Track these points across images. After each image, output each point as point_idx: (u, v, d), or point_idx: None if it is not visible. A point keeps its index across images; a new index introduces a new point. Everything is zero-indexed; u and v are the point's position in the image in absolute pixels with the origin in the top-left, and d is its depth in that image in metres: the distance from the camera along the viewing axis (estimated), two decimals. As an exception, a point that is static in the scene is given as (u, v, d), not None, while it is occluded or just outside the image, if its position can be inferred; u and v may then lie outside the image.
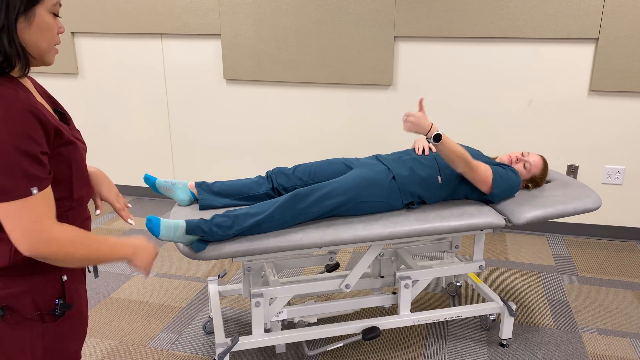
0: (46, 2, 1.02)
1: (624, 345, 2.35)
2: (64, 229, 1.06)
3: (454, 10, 3.20)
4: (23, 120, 0.97)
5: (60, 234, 1.04)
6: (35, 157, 0.99)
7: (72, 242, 1.06)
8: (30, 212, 1.00)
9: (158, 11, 3.64)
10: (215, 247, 1.82)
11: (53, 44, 1.07)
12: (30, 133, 0.98)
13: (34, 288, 1.11)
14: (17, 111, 0.96)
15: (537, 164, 2.32)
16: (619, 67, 3.09)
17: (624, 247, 3.34)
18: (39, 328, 1.13)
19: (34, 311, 1.11)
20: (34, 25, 1.01)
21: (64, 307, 1.15)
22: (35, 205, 1.00)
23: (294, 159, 3.78)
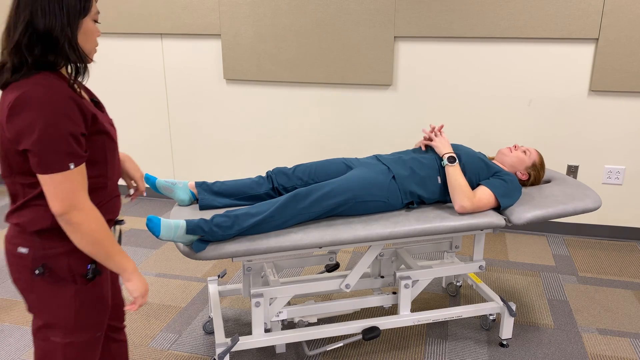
0: (90, 13, 1.24)
1: (624, 345, 2.35)
2: (94, 207, 1.24)
3: (454, 10, 3.20)
4: (66, 105, 1.16)
5: (90, 210, 1.23)
6: (75, 137, 1.19)
7: (98, 220, 1.24)
8: (68, 184, 1.19)
9: (158, 11, 3.64)
10: (215, 247, 1.82)
11: (94, 46, 1.29)
12: (72, 116, 1.17)
13: (69, 251, 1.28)
14: (61, 98, 1.16)
15: (534, 151, 2.38)
16: (619, 67, 3.09)
17: (624, 247, 3.34)
18: (73, 291, 1.31)
19: (68, 273, 1.29)
20: (81, 32, 1.23)
21: (95, 271, 1.32)
22: (71, 179, 1.19)
23: (294, 159, 3.78)
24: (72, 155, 1.19)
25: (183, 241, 1.81)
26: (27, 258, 1.28)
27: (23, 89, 1.16)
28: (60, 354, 1.34)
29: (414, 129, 3.52)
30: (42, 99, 1.14)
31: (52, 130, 1.15)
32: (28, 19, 1.17)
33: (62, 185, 1.18)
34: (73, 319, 1.33)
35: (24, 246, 1.28)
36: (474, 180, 2.19)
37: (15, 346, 2.34)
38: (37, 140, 1.15)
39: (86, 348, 1.37)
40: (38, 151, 1.15)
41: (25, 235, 1.27)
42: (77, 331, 1.34)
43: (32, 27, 1.17)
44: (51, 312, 1.31)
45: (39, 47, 1.18)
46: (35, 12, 1.16)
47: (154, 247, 3.33)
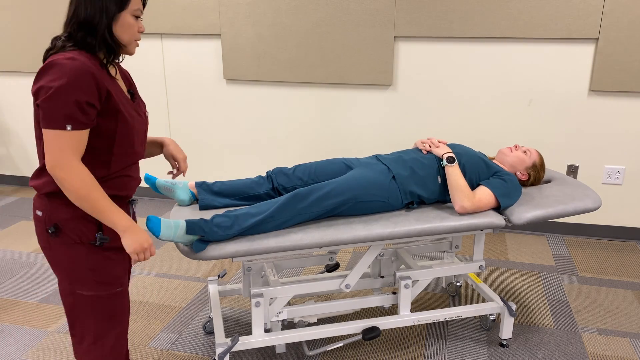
0: (129, 9, 1.40)
1: (624, 345, 2.35)
2: (81, 167, 1.35)
3: (454, 10, 3.20)
4: (82, 74, 1.31)
5: (75, 168, 1.34)
6: (80, 103, 1.32)
7: (81, 179, 1.34)
8: (61, 142, 1.32)
9: (158, 11, 3.64)
10: (215, 247, 1.82)
11: (134, 39, 1.45)
12: (84, 87, 1.32)
13: (74, 217, 1.42)
14: (81, 69, 1.32)
15: (535, 151, 2.38)
16: (619, 67, 3.09)
17: (624, 247, 3.34)
18: (85, 252, 1.45)
19: (78, 238, 1.43)
20: (118, 24, 1.40)
21: (102, 239, 1.44)
22: (65, 139, 1.32)
23: (294, 159, 3.78)
24: (71, 118, 1.32)
25: (183, 241, 1.81)
26: (42, 220, 1.43)
27: (55, 57, 1.34)
28: (89, 305, 1.49)
29: (413, 129, 3.52)
30: (64, 66, 1.31)
31: (62, 92, 1.30)
32: (74, 10, 1.38)
33: (55, 141, 1.32)
34: (91, 276, 1.46)
35: (39, 209, 1.44)
36: (474, 180, 2.19)
37: (15, 346, 2.34)
38: (47, 98, 1.30)
39: (111, 300, 1.51)
40: (45, 107, 1.31)
41: (40, 199, 1.43)
42: (97, 286, 1.48)
43: (76, 16, 1.37)
44: (70, 270, 1.46)
45: (81, 32, 1.38)
46: (80, 4, 1.37)
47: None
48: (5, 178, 4.50)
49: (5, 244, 3.36)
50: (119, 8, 1.38)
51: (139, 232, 1.43)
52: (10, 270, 3.03)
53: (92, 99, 1.34)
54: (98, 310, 1.50)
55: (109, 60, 1.43)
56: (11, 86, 4.18)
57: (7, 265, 3.08)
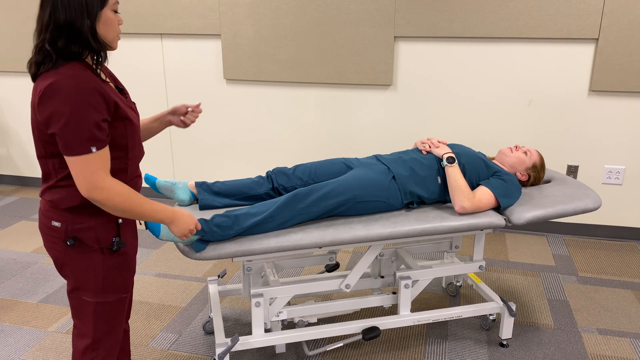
0: (109, 4, 1.35)
1: (624, 345, 2.35)
2: (115, 183, 1.36)
3: (454, 10, 3.20)
4: (90, 94, 1.29)
5: (111, 186, 1.35)
6: (97, 123, 1.31)
7: (120, 194, 1.36)
8: (90, 165, 1.32)
9: (158, 11, 3.64)
10: (215, 247, 1.82)
11: (116, 34, 1.41)
12: (95, 105, 1.30)
13: (97, 226, 1.44)
14: (87, 88, 1.29)
15: (535, 152, 2.38)
16: (619, 67, 3.09)
17: (624, 247, 3.34)
18: (100, 258, 1.47)
19: (96, 245, 1.45)
20: (102, 22, 1.35)
21: (119, 243, 1.48)
22: (93, 161, 1.32)
23: (294, 159, 3.78)
24: (94, 140, 1.32)
25: (183, 241, 1.81)
26: (60, 231, 1.43)
27: (53, 78, 1.29)
28: (92, 310, 1.51)
29: (414, 129, 3.52)
30: (69, 88, 1.27)
31: (77, 117, 1.28)
32: (50, 14, 1.30)
33: (85, 166, 1.32)
34: (101, 283, 1.49)
35: (57, 220, 1.43)
36: (474, 180, 2.19)
37: (15, 346, 2.34)
38: (63, 126, 1.28)
39: (114, 306, 1.54)
40: (64, 136, 1.29)
41: (58, 211, 1.43)
42: (105, 292, 1.51)
43: (54, 21, 1.30)
44: (82, 277, 1.48)
45: (62, 39, 1.31)
46: (56, 7, 1.29)
47: (154, 247, 3.33)
48: (5, 178, 4.50)
49: (5, 244, 3.36)
50: (100, 5, 1.32)
51: (182, 217, 1.52)
52: (10, 270, 3.03)
53: (105, 115, 1.34)
54: (99, 316, 1.52)
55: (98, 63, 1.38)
56: (11, 86, 4.18)
57: (7, 265, 3.08)
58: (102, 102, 1.32)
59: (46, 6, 1.30)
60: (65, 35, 1.31)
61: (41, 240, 3.41)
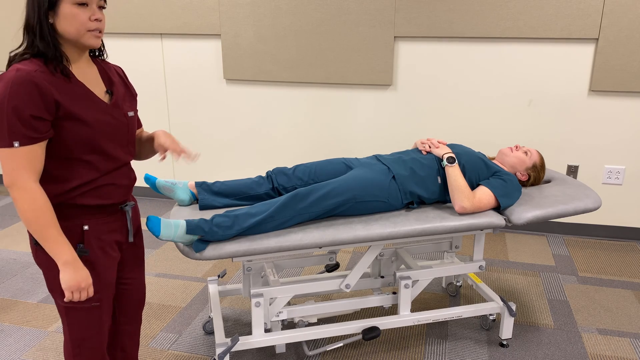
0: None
1: (624, 345, 2.35)
2: (34, 188, 1.29)
3: (454, 10, 3.20)
4: (25, 87, 1.23)
5: (28, 189, 1.29)
6: (25, 118, 1.25)
7: (32, 201, 1.29)
8: (12, 161, 1.27)
9: (158, 11, 3.64)
10: (215, 247, 1.82)
11: (85, 29, 1.32)
12: (27, 99, 1.24)
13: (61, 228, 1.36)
14: (22, 82, 1.23)
15: (535, 152, 2.38)
16: (619, 67, 3.09)
17: (624, 247, 3.34)
18: None
19: None
20: (60, 18, 1.29)
21: (82, 251, 1.41)
22: (16, 156, 1.26)
23: (294, 159, 3.78)
24: (17, 134, 1.25)
25: (183, 241, 1.81)
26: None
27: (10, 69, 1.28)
28: (64, 314, 1.48)
29: (414, 129, 3.52)
30: (6, 81, 1.24)
31: (3, 109, 1.23)
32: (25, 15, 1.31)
33: (7, 161, 1.27)
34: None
35: None
36: (474, 180, 2.20)
37: (15, 346, 2.34)
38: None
39: (85, 313, 1.49)
40: None
41: None
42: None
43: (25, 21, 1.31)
44: (51, 279, 1.44)
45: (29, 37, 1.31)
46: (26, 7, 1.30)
47: (154, 247, 3.33)
48: (5, 178, 4.50)
49: (5, 244, 3.36)
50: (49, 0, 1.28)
51: (79, 270, 1.37)
52: (10, 270, 3.03)
53: (36, 111, 1.25)
54: (72, 321, 1.48)
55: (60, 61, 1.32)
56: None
57: (7, 265, 3.08)
58: (37, 97, 1.25)
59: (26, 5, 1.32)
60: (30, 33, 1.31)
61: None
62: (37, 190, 1.30)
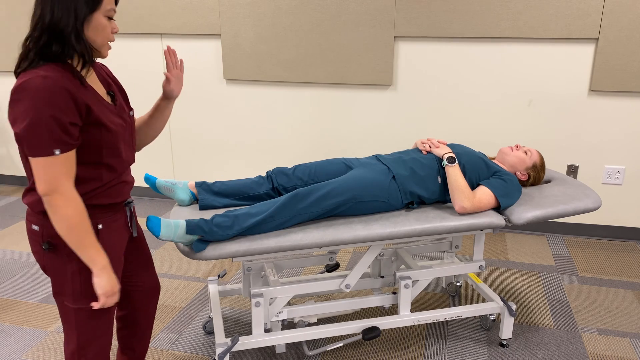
0: (102, 9, 1.31)
1: (624, 345, 2.35)
2: (75, 195, 1.32)
3: (454, 10, 3.20)
4: (58, 94, 1.24)
5: (70, 195, 1.30)
6: (63, 125, 1.26)
7: (75, 207, 1.31)
8: (52, 168, 1.27)
9: (158, 11, 3.64)
10: (215, 247, 1.82)
11: (107, 41, 1.36)
12: (62, 106, 1.25)
13: None
14: (55, 88, 1.24)
15: (535, 152, 2.38)
16: (619, 67, 3.09)
17: (624, 247, 3.34)
18: (76, 264, 1.41)
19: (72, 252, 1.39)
20: (91, 26, 1.31)
21: None
22: (57, 164, 1.27)
23: (294, 159, 3.78)
24: (58, 142, 1.26)
25: (183, 241, 1.81)
26: (38, 234, 1.41)
27: (25, 77, 1.25)
28: (73, 316, 1.48)
29: (414, 129, 3.52)
30: (37, 88, 1.23)
31: (42, 117, 1.23)
32: (40, 12, 1.27)
33: (47, 169, 1.27)
34: (79, 289, 1.44)
35: (35, 224, 1.41)
36: (474, 180, 2.20)
37: (15, 346, 2.34)
38: (27, 126, 1.23)
39: (95, 314, 1.50)
40: (27, 136, 1.24)
41: (35, 214, 1.41)
42: (83, 299, 1.46)
43: (42, 20, 1.27)
44: (60, 282, 1.44)
45: (45, 38, 1.27)
46: (46, 5, 1.26)
47: (154, 247, 3.33)
48: (5, 178, 4.50)
49: (5, 244, 3.36)
50: (90, 9, 1.28)
51: (112, 274, 1.41)
52: (10, 270, 3.03)
53: (73, 118, 1.27)
54: (81, 323, 1.49)
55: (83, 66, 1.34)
56: (11, 86, 4.18)
57: (7, 265, 3.08)
58: (71, 104, 1.27)
59: (38, 4, 1.28)
60: (49, 34, 1.27)
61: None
62: (78, 197, 1.33)
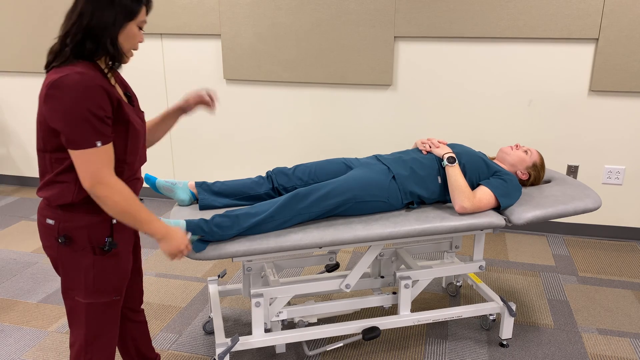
0: (137, 20, 1.40)
1: (624, 345, 2.35)
2: (119, 181, 1.39)
3: (454, 10, 3.20)
4: (96, 90, 1.32)
5: (115, 183, 1.38)
6: (101, 118, 1.34)
7: (122, 193, 1.38)
8: (96, 160, 1.35)
9: (158, 11, 3.64)
10: (215, 247, 1.82)
11: (133, 48, 1.45)
12: (99, 101, 1.33)
13: (90, 224, 1.45)
14: (92, 85, 1.32)
15: (535, 151, 2.38)
16: (619, 67, 3.09)
17: (624, 247, 3.34)
18: (91, 259, 1.47)
19: (88, 244, 1.46)
20: (124, 33, 1.40)
21: (111, 244, 1.48)
22: (99, 155, 1.35)
23: (294, 159, 3.78)
24: (99, 134, 1.34)
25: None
26: (53, 228, 1.45)
27: (62, 73, 1.32)
28: (84, 311, 1.52)
29: (414, 129, 3.52)
30: (76, 83, 1.30)
31: (82, 111, 1.31)
32: (79, 12, 1.35)
33: (89, 161, 1.34)
34: (92, 283, 1.49)
35: (51, 218, 1.45)
36: (474, 179, 2.20)
37: (15, 346, 2.34)
38: (69, 119, 1.31)
39: (106, 308, 1.55)
40: (69, 129, 1.31)
41: (52, 209, 1.44)
42: (96, 293, 1.51)
43: (80, 19, 1.35)
44: (74, 276, 1.49)
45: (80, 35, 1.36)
46: (88, 8, 1.34)
47: (154, 247, 3.33)
48: (5, 178, 4.50)
49: (5, 244, 3.36)
50: (127, 18, 1.38)
51: (175, 237, 1.52)
52: (10, 270, 3.03)
53: (108, 112, 1.36)
54: (91, 317, 1.53)
55: (110, 68, 1.43)
56: (11, 86, 4.18)
57: (7, 265, 3.08)
58: (106, 99, 1.35)
59: (77, 6, 1.36)
60: (84, 33, 1.36)
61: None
62: (121, 183, 1.40)
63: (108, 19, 1.35)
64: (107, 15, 1.35)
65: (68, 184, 1.41)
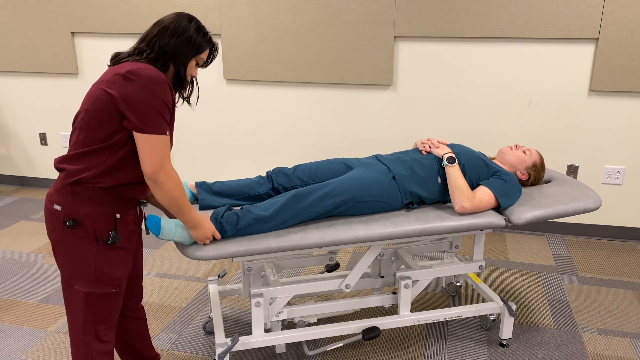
0: (199, 56, 1.61)
1: (624, 345, 2.35)
2: (175, 171, 1.53)
3: (454, 10, 3.20)
4: (167, 86, 1.48)
5: (173, 172, 1.52)
6: (169, 111, 1.50)
7: (176, 182, 1.52)
8: (163, 147, 1.48)
9: (158, 11, 3.64)
10: (215, 247, 1.82)
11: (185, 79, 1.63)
12: (169, 96, 1.49)
13: (95, 215, 1.51)
14: (165, 81, 1.48)
15: (535, 151, 2.38)
16: (619, 67, 3.09)
17: (624, 247, 3.34)
18: (95, 249, 1.53)
19: (93, 234, 1.52)
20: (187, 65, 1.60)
21: (115, 237, 1.54)
22: (165, 143, 1.48)
23: (294, 159, 3.78)
24: (167, 124, 1.48)
25: (183, 240, 1.81)
26: (60, 214, 1.51)
27: (138, 65, 1.46)
28: (82, 300, 1.56)
29: (414, 129, 3.52)
30: (152, 76, 1.45)
31: (158, 101, 1.44)
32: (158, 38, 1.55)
33: (157, 147, 1.46)
34: (93, 273, 1.55)
35: (58, 204, 1.51)
36: (474, 180, 2.20)
37: (15, 346, 2.34)
38: (147, 105, 1.42)
39: (105, 299, 1.59)
40: (143, 114, 1.43)
41: (61, 195, 1.50)
42: (96, 283, 1.56)
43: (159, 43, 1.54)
44: (75, 263, 1.54)
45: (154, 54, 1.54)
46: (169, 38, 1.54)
47: (154, 247, 3.33)
48: (5, 178, 4.50)
49: (5, 244, 3.36)
50: (194, 54, 1.59)
51: (205, 224, 1.72)
52: (10, 270, 3.03)
53: (171, 109, 1.52)
54: (89, 307, 1.57)
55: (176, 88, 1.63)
56: (11, 86, 4.18)
57: (7, 265, 3.08)
58: (172, 98, 1.52)
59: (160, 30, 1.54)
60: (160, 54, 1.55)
61: (41, 240, 3.42)
62: (176, 172, 1.53)
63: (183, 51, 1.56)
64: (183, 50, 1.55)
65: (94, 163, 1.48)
